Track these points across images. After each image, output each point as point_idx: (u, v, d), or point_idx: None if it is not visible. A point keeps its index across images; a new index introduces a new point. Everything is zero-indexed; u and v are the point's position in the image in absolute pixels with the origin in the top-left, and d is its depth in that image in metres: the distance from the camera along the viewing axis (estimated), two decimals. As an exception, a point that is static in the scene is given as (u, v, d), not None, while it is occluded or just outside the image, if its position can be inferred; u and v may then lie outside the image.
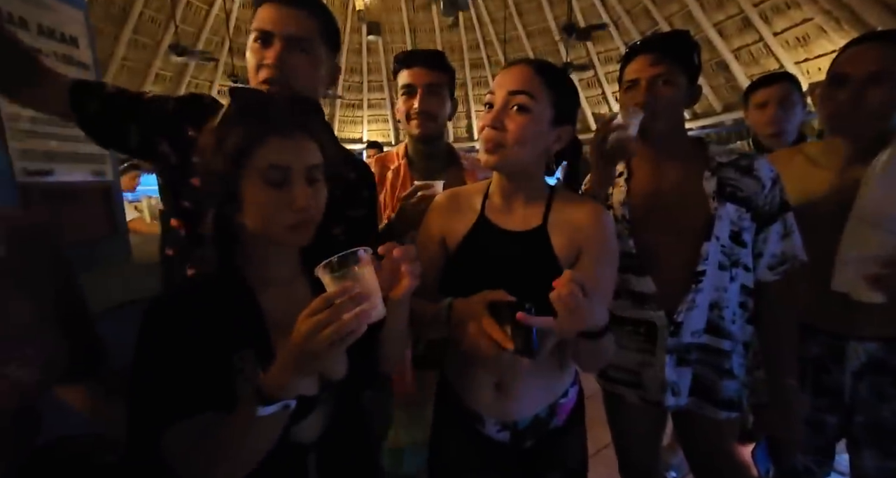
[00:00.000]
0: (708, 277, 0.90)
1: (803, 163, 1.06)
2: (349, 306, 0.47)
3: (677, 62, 0.90)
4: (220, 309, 0.57)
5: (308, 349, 0.46)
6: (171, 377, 0.54)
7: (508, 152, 0.72)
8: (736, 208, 0.90)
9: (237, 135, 0.56)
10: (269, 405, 0.48)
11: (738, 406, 0.93)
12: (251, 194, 0.57)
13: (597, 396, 1.09)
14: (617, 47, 6.17)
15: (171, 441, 0.52)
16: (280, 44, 0.79)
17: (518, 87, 0.72)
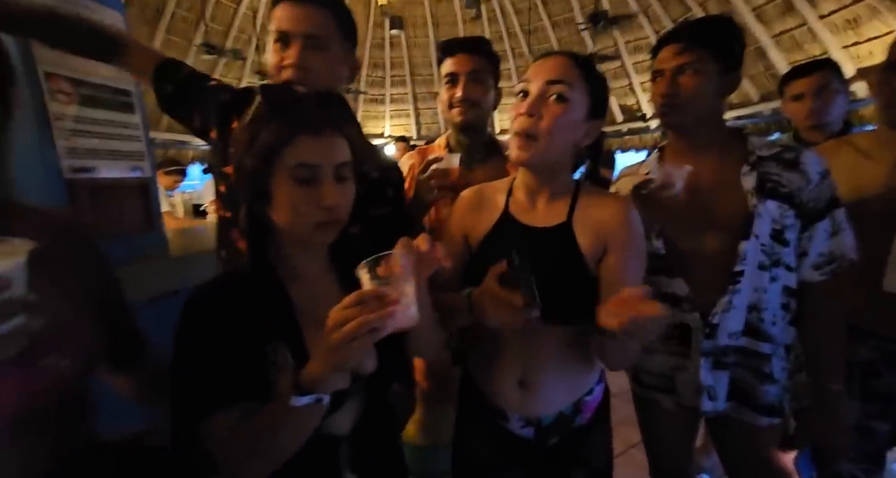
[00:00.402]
0: (746, 278, 0.86)
1: (853, 155, 1.00)
2: (375, 305, 0.47)
3: (708, 49, 0.85)
4: (253, 303, 0.59)
5: (332, 342, 0.47)
6: (207, 368, 0.56)
7: (541, 145, 0.70)
8: (778, 205, 0.85)
9: (267, 133, 0.57)
10: (303, 397, 0.49)
11: (779, 411, 0.89)
12: (280, 192, 0.58)
13: (622, 394, 1.07)
14: (647, 36, 5.95)
15: (209, 430, 0.54)
16: (298, 43, 0.79)
17: (557, 77, 0.70)
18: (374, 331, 0.46)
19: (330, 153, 0.58)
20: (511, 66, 7.39)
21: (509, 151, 0.74)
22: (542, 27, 6.83)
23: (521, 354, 0.78)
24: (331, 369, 0.49)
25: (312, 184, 0.57)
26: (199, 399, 0.55)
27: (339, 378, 0.51)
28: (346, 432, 0.64)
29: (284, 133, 0.57)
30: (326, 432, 0.61)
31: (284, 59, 0.80)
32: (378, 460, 0.69)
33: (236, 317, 0.57)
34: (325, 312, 0.62)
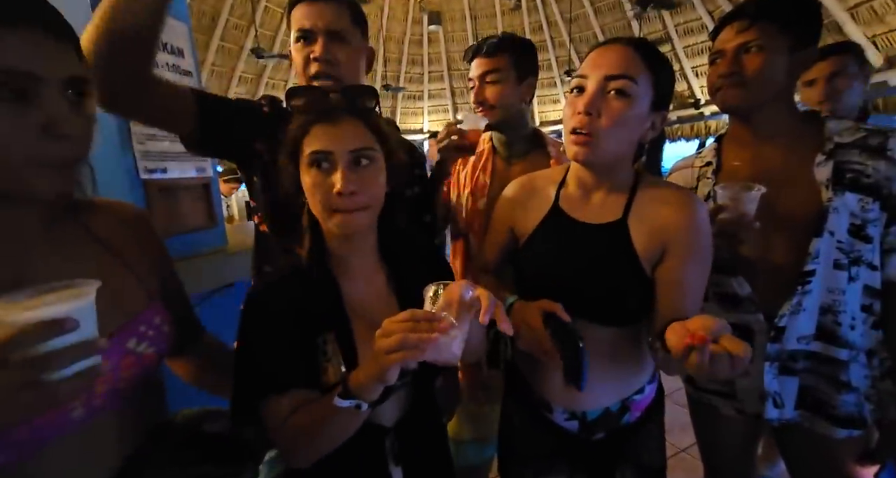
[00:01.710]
0: (818, 278, 0.79)
1: None
2: (425, 327, 0.48)
3: (776, 25, 0.78)
4: (309, 296, 0.63)
5: (375, 351, 0.49)
6: (264, 354, 0.60)
7: (601, 144, 0.67)
8: (859, 198, 0.77)
9: (291, 130, 0.61)
10: (345, 401, 0.52)
11: (859, 423, 0.81)
12: (306, 182, 0.61)
13: (674, 395, 1.02)
14: (699, 17, 5.55)
15: (266, 411, 0.59)
16: (322, 38, 0.83)
17: (617, 72, 0.65)
18: (414, 350, 0.47)
19: (345, 140, 0.59)
20: (551, 56, 7.17)
21: (563, 148, 0.72)
22: (584, 15, 6.56)
23: None
24: (374, 380, 0.51)
25: (327, 171, 0.59)
26: (256, 382, 0.60)
27: (379, 389, 0.52)
28: (392, 424, 0.67)
29: (303, 125, 0.60)
30: (373, 423, 0.64)
31: (311, 52, 0.83)
32: (423, 452, 0.70)
33: (292, 308, 0.61)
34: (372, 309, 0.66)
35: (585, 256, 0.73)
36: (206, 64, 5.83)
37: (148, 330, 0.54)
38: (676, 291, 0.68)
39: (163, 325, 0.57)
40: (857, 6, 4.24)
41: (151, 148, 1.16)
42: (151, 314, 0.56)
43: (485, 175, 1.13)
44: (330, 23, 0.83)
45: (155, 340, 0.55)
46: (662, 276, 0.69)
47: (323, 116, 0.60)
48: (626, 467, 0.79)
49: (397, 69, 7.85)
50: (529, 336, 0.69)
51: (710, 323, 0.51)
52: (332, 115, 0.60)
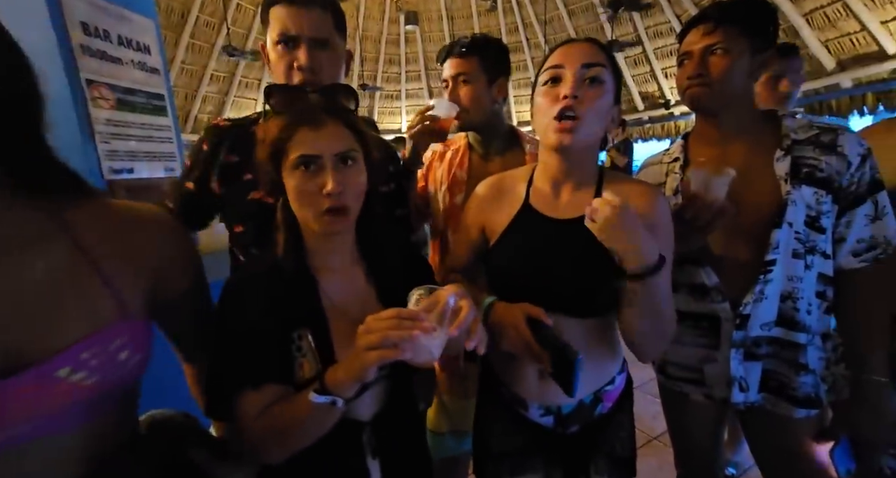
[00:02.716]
0: (779, 267, 0.84)
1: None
2: (406, 325, 0.49)
3: (738, 29, 0.83)
4: (284, 292, 0.62)
5: (356, 348, 0.50)
6: (237, 350, 0.59)
7: (583, 129, 0.69)
8: (814, 191, 0.82)
9: (274, 128, 0.61)
10: (321, 397, 0.52)
11: (816, 403, 0.86)
12: (289, 184, 0.61)
13: (645, 386, 1.06)
14: (667, 20, 5.74)
15: (240, 408, 0.58)
16: (306, 46, 0.82)
17: (592, 60, 0.70)
18: (394, 349, 0.48)
19: (331, 143, 0.61)
20: (527, 57, 7.28)
21: (547, 138, 0.72)
22: (559, 17, 6.69)
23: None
24: (352, 377, 0.52)
25: (315, 173, 0.60)
26: (230, 376, 0.59)
27: (356, 387, 0.53)
28: (369, 418, 0.67)
29: (287, 129, 0.60)
30: (349, 418, 0.64)
31: (296, 60, 0.82)
32: (400, 445, 0.71)
33: (269, 303, 0.61)
34: (350, 305, 0.66)
35: (557, 251, 0.74)
36: (176, 62, 5.64)
37: (91, 359, 0.46)
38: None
39: (121, 352, 0.48)
40: (812, 12, 4.49)
41: (118, 147, 1.12)
42: (109, 337, 0.47)
43: (461, 171, 1.14)
44: (314, 30, 0.83)
45: (99, 370, 0.46)
46: None
47: (308, 120, 0.61)
48: (599, 458, 0.81)
49: (374, 69, 7.80)
50: (516, 339, 0.71)
51: None
52: (317, 119, 0.61)
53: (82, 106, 1.01)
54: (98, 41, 1.02)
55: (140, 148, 1.19)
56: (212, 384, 0.61)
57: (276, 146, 0.61)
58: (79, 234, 0.49)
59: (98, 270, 0.49)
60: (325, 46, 0.84)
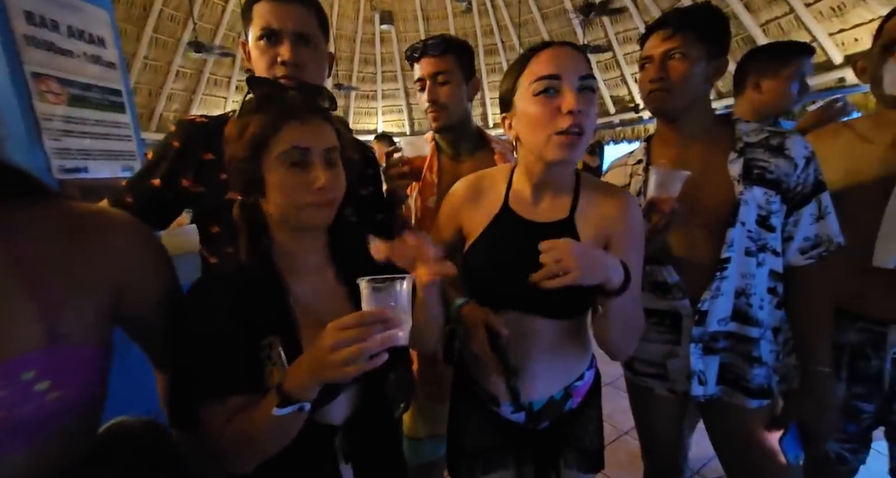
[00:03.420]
0: (733, 264, 0.88)
1: (851, 139, 1.01)
2: (379, 329, 0.48)
3: (695, 35, 0.87)
4: (251, 296, 0.60)
5: (328, 361, 0.48)
6: (202, 359, 0.57)
7: (585, 143, 0.70)
8: (764, 192, 0.86)
9: (257, 122, 0.59)
10: (285, 407, 0.50)
11: (768, 393, 0.91)
12: (273, 179, 0.59)
13: (616, 382, 1.09)
14: (636, 27, 5.94)
15: (205, 419, 0.56)
16: (290, 41, 0.81)
17: (586, 71, 0.69)
18: (374, 357, 0.48)
19: (319, 138, 0.60)
20: (502, 59, 7.36)
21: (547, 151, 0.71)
22: (533, 20, 6.80)
23: (513, 343, 0.78)
24: (317, 383, 0.50)
25: (303, 168, 0.59)
26: (195, 386, 0.57)
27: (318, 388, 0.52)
28: (342, 422, 0.66)
29: (274, 121, 0.59)
30: (321, 423, 0.63)
31: (279, 56, 0.81)
32: (374, 449, 0.70)
33: (235, 309, 0.59)
34: (321, 307, 0.64)
35: (535, 254, 0.75)
36: (138, 57, 5.39)
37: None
38: None
39: (37, 383, 0.42)
40: (768, 23, 4.74)
41: (70, 145, 1.06)
42: (19, 367, 0.42)
43: (431, 174, 1.14)
44: (298, 25, 0.81)
45: (5, 403, 0.41)
46: None
47: (296, 114, 0.60)
48: (569, 452, 0.83)
49: (349, 68, 7.70)
50: (479, 347, 0.74)
51: None
52: (305, 114, 0.60)
53: (27, 100, 0.95)
54: (45, 32, 0.96)
55: (95, 146, 1.13)
56: (175, 395, 0.59)
57: (260, 139, 0.59)
58: (18, 242, 0.44)
59: (31, 286, 0.43)
60: (309, 43, 0.83)
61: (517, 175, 0.81)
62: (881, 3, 3.82)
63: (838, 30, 4.26)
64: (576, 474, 0.83)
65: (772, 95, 1.40)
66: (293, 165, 0.58)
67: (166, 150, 0.83)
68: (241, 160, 0.60)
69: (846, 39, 4.22)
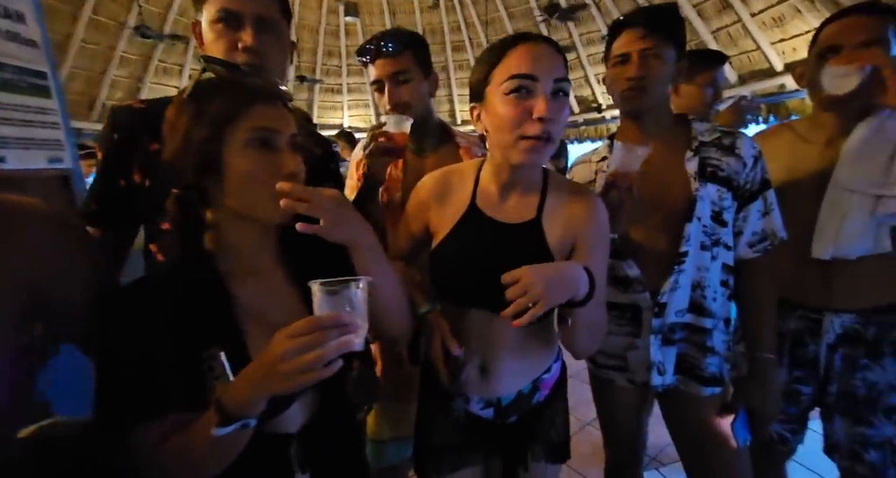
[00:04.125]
0: (690, 258, 0.91)
1: (792, 139, 1.07)
2: (335, 335, 0.45)
3: (664, 36, 0.88)
4: (188, 301, 0.54)
5: (279, 372, 0.44)
6: (131, 376, 0.50)
7: (551, 148, 0.68)
8: (717, 188, 0.90)
9: (221, 101, 0.54)
10: (226, 427, 0.46)
11: (720, 381, 0.95)
12: (236, 164, 0.54)
13: (579, 375, 1.10)
14: (598, 29, 6.13)
15: (137, 441, 0.50)
16: (251, 25, 0.75)
17: (561, 73, 0.67)
18: (329, 365, 0.45)
19: (285, 123, 0.57)
20: (470, 56, 7.37)
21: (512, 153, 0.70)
22: (500, 18, 6.85)
23: (481, 341, 0.78)
24: (264, 397, 0.46)
25: (270, 151, 0.55)
26: (124, 406, 0.50)
27: (263, 404, 0.48)
28: (297, 430, 0.62)
29: (241, 99, 0.54)
30: (274, 432, 0.58)
31: (240, 41, 0.75)
32: (333, 456, 0.66)
33: (166, 317, 0.52)
34: (274, 312, 0.59)
35: (503, 254, 0.74)
36: (74, 39, 4.95)
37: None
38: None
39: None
40: (718, 30, 5.03)
41: (-19, 132, 0.93)
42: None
43: (396, 169, 1.11)
44: (260, 8, 0.76)
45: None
46: None
47: (264, 96, 0.56)
48: (536, 445, 0.83)
49: (312, 60, 7.46)
50: (434, 356, 0.76)
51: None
52: (272, 97, 0.56)
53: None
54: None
55: (14, 133, 1.01)
56: (103, 417, 0.51)
57: (225, 118, 0.53)
58: None
59: None
60: (271, 28, 0.77)
61: (485, 171, 0.80)
62: (815, 16, 4.14)
63: (779, 39, 4.59)
64: (543, 466, 0.84)
65: (688, 99, 1.52)
66: (261, 148, 0.54)
67: (107, 143, 0.75)
68: (198, 142, 0.54)
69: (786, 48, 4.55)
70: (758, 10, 4.60)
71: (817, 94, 1.00)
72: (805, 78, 1.04)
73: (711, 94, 1.52)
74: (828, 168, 0.97)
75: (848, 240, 0.93)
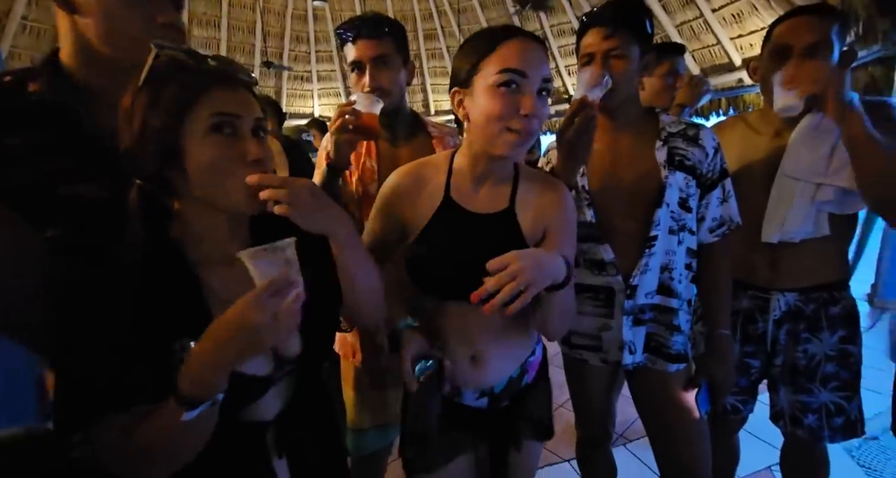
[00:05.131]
0: (659, 242, 0.96)
1: (744, 130, 1.15)
2: (291, 291, 0.47)
3: (630, 33, 0.92)
4: (154, 290, 0.52)
5: (253, 324, 0.45)
6: (95, 367, 0.49)
7: (531, 142, 0.71)
8: (684, 176, 0.95)
9: (177, 86, 0.52)
10: (195, 410, 0.46)
11: (684, 358, 1.02)
12: (196, 152, 0.52)
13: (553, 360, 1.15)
14: (569, 20, 6.20)
15: (100, 434, 0.49)
16: None
17: (549, 74, 0.69)
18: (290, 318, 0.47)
19: (248, 107, 0.55)
20: (442, 45, 7.29)
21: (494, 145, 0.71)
22: (472, 7, 6.80)
23: (469, 332, 0.80)
24: (226, 370, 0.47)
25: (233, 137, 0.53)
26: (87, 401, 0.49)
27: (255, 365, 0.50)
28: (273, 417, 0.62)
29: (198, 84, 0.52)
30: (249, 420, 0.59)
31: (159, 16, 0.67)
32: (310, 442, 0.67)
33: (132, 307, 0.51)
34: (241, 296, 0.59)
35: (480, 244, 0.75)
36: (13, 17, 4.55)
37: None
38: None
39: None
40: (682, 25, 5.20)
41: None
42: None
43: (371, 160, 1.10)
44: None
45: None
46: None
47: (222, 79, 0.54)
48: (524, 425, 0.87)
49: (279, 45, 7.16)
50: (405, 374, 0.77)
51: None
52: (232, 80, 0.54)
53: None
54: None
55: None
56: (66, 408, 0.50)
57: (183, 103, 0.51)
58: None
59: None
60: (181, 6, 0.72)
61: (459, 162, 0.81)
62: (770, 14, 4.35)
63: (738, 35, 4.80)
64: (531, 444, 0.88)
65: (652, 91, 1.63)
66: (223, 137, 0.53)
67: None
68: (156, 130, 0.52)
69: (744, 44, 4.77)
70: (718, 6, 4.79)
71: (767, 89, 1.07)
72: (758, 73, 1.11)
73: (672, 83, 1.62)
74: (776, 158, 1.05)
75: (793, 225, 1.03)
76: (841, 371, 1.06)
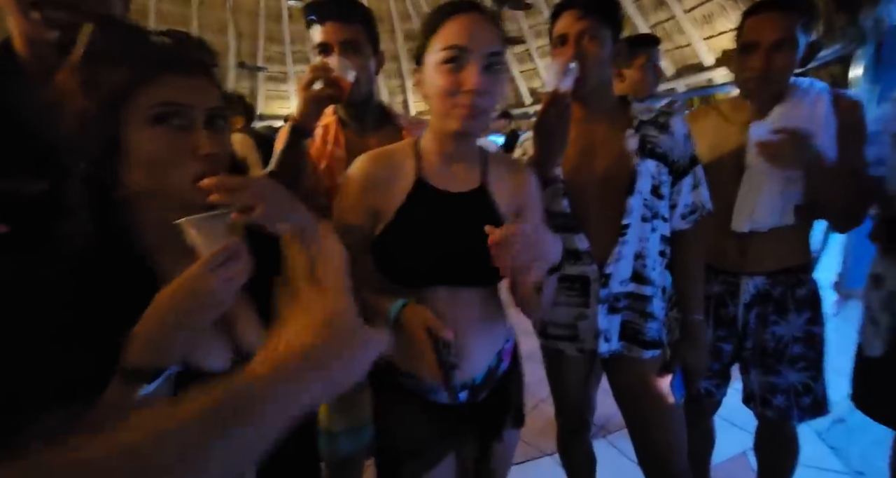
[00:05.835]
0: (632, 230, 0.96)
1: (717, 119, 1.17)
2: (238, 258, 0.48)
3: (602, 17, 0.92)
4: (102, 281, 0.48)
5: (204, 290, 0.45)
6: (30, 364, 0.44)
7: (484, 119, 0.69)
8: (656, 164, 0.96)
9: (118, 71, 0.47)
10: (151, 385, 0.42)
11: (659, 345, 1.03)
12: (138, 142, 0.48)
13: (533, 356, 1.14)
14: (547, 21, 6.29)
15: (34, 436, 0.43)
16: None
17: (495, 49, 0.67)
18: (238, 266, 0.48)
19: (202, 96, 0.50)
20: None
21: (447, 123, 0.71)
22: (450, 7, 6.83)
23: (447, 322, 0.75)
24: (176, 336, 0.46)
25: (182, 130, 0.49)
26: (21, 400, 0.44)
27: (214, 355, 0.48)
28: None
29: (143, 69, 0.47)
30: None
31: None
32: (281, 447, 0.63)
33: (77, 301, 0.47)
34: None
35: (456, 223, 0.74)
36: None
37: None
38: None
39: None
40: (656, 25, 5.35)
41: None
42: None
43: (339, 149, 1.06)
44: None
45: None
46: None
47: (174, 63, 0.49)
48: (504, 412, 0.85)
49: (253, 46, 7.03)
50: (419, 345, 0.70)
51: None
52: (186, 64, 0.50)
53: None
54: None
55: None
56: None
57: (122, 90, 0.47)
58: None
59: None
60: None
61: (426, 144, 0.79)
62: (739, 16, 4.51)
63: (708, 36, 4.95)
64: (510, 432, 0.87)
65: (632, 82, 1.65)
66: (168, 128, 0.48)
67: None
68: (92, 118, 0.48)
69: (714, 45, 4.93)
70: (689, 7, 4.94)
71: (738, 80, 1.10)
72: (732, 65, 1.14)
73: (652, 71, 1.65)
74: (745, 147, 1.06)
75: (761, 215, 1.05)
76: (807, 352, 1.09)
